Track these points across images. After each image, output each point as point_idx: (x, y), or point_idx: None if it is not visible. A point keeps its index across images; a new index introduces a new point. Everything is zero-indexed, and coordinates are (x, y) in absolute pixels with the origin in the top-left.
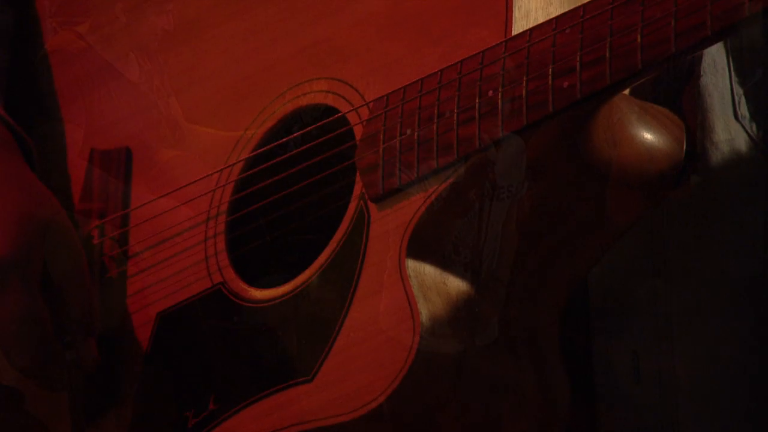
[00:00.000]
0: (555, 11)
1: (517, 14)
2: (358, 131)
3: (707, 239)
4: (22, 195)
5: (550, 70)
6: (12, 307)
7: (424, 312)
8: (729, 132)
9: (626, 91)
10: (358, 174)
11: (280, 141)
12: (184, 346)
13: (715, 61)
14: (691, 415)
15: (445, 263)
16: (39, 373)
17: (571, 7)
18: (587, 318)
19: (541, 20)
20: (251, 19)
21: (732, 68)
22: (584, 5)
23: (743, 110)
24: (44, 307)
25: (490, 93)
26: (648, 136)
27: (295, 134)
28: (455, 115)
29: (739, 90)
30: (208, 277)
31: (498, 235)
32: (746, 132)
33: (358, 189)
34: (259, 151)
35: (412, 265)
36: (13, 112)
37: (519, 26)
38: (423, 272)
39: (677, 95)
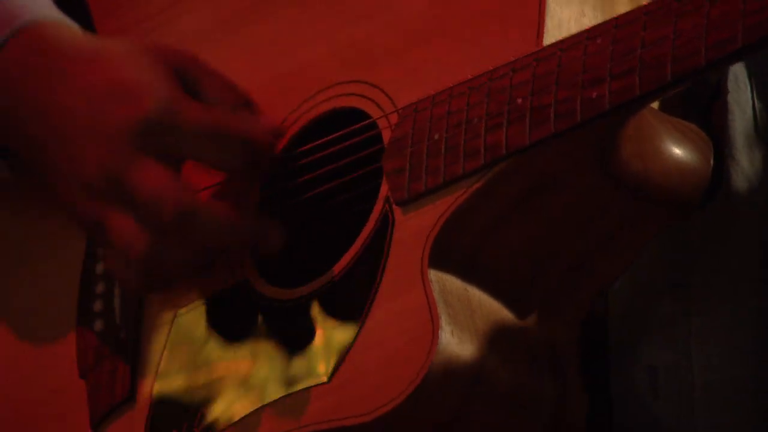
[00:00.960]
0: (588, 23)
1: (549, 24)
2: (387, 135)
3: (727, 256)
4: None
5: (580, 79)
6: (197, 118)
7: (444, 317)
8: (750, 147)
9: (656, 106)
10: (384, 177)
11: (310, 144)
12: (204, 342)
13: (737, 76)
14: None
15: (466, 269)
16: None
17: (605, 17)
18: (606, 331)
19: (573, 31)
20: (284, 19)
21: (753, 83)
22: (617, 17)
23: (764, 125)
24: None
25: (519, 100)
26: (677, 151)
27: (324, 138)
28: (483, 121)
29: (760, 105)
30: (231, 275)
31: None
32: None
33: (383, 191)
34: (287, 151)
35: (434, 270)
36: None
37: (551, 36)
38: (444, 277)
39: (706, 112)
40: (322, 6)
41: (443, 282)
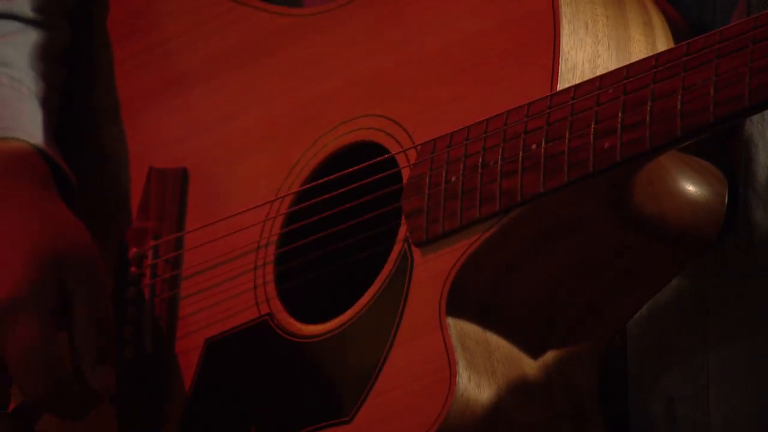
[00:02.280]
0: (603, 63)
1: (563, 67)
2: (406, 174)
3: (747, 291)
4: (43, 227)
5: (593, 129)
6: (22, 341)
7: (462, 362)
8: None
9: None
10: (403, 217)
11: (330, 177)
12: (229, 374)
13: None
14: None
15: (484, 312)
16: (51, 404)
17: (618, 60)
18: (623, 361)
19: (587, 74)
20: (308, 48)
21: None
22: (628, 66)
23: None
24: (54, 339)
25: (534, 146)
26: (690, 190)
27: (344, 171)
28: (499, 165)
29: None
30: (256, 307)
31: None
32: None
33: (402, 232)
34: (309, 185)
35: (452, 313)
36: (69, 126)
37: (565, 79)
38: (462, 320)
39: (721, 148)
40: (344, 35)
41: (461, 326)
